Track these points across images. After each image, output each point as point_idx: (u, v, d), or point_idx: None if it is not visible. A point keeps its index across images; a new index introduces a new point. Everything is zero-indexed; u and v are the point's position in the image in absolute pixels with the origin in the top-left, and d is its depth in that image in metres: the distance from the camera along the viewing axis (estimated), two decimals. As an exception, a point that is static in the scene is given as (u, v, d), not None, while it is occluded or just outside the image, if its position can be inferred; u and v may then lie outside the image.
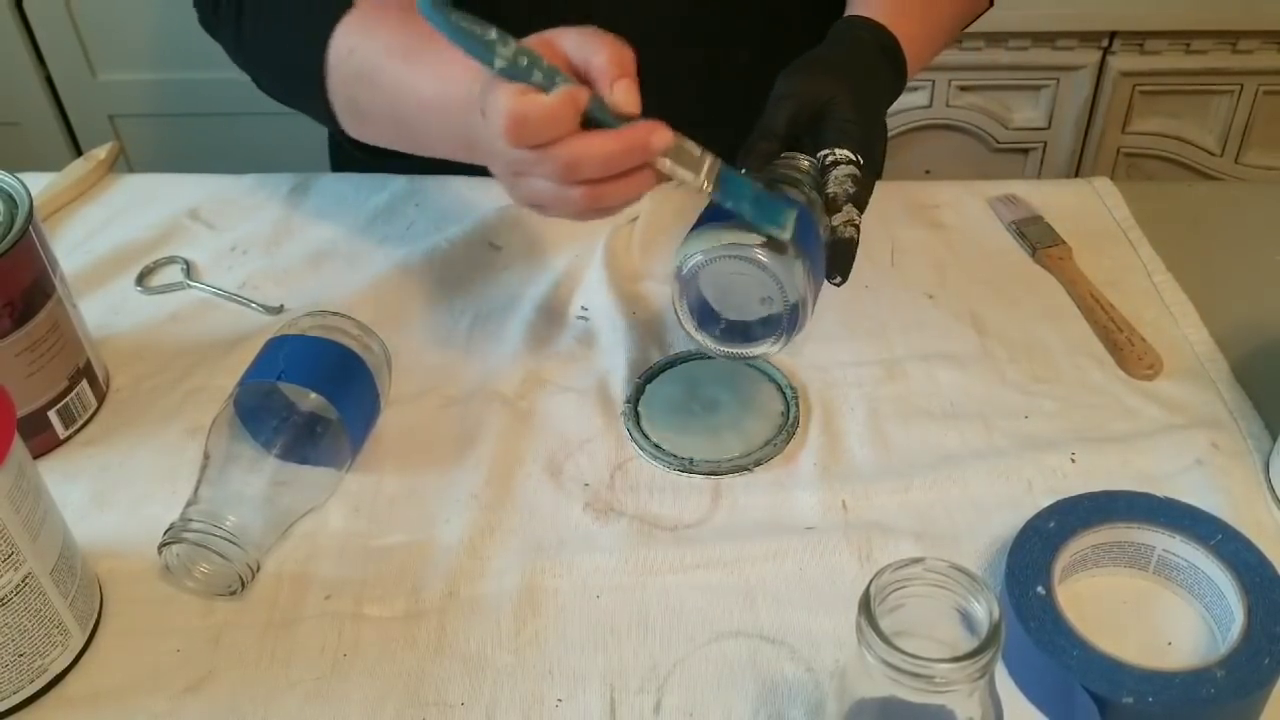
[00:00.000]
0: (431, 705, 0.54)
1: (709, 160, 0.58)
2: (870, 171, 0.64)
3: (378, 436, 0.67)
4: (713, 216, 0.61)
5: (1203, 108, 1.55)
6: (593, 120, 0.56)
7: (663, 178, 0.57)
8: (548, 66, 0.55)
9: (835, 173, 0.63)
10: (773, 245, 0.57)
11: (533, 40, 0.58)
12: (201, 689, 0.55)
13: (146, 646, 0.57)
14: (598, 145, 0.55)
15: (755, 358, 0.62)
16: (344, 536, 0.62)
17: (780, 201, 0.59)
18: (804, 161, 0.64)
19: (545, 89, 0.55)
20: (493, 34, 0.55)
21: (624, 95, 0.56)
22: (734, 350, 0.62)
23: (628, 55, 0.57)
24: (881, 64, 0.69)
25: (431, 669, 0.55)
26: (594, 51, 0.57)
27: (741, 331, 0.61)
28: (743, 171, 0.60)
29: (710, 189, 0.58)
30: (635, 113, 0.56)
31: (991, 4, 0.84)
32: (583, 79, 0.57)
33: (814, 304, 0.60)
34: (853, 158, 0.63)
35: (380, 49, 0.69)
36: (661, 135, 0.56)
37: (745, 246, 0.57)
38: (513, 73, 0.55)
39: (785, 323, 0.59)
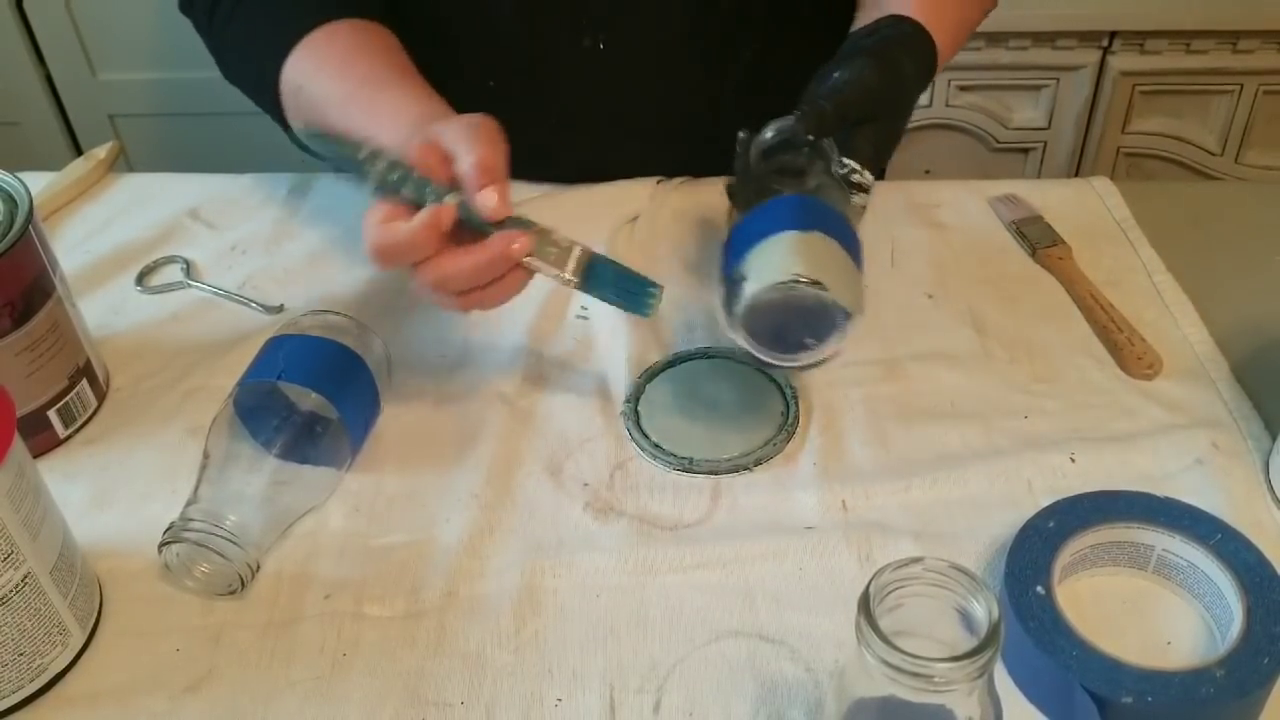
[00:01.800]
0: (431, 704, 0.54)
1: (577, 251, 0.62)
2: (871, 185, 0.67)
3: (378, 436, 0.67)
4: (746, 235, 0.63)
5: (1203, 107, 1.55)
6: (465, 222, 0.59)
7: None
8: (417, 179, 0.59)
9: (854, 199, 0.66)
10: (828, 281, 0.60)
11: (421, 137, 0.61)
12: (201, 689, 0.55)
13: (146, 646, 0.57)
14: (464, 263, 0.59)
15: (819, 362, 0.64)
16: (344, 536, 0.62)
17: (642, 286, 0.62)
18: (822, 147, 0.66)
19: (417, 202, 0.59)
20: (363, 152, 0.59)
21: (490, 204, 0.59)
22: (793, 359, 0.63)
23: (495, 155, 0.60)
24: (916, 71, 0.70)
25: (431, 668, 0.55)
26: (464, 154, 0.59)
27: (797, 340, 0.63)
28: (605, 257, 0.63)
29: (576, 283, 0.61)
30: (498, 218, 0.59)
31: (995, 3, 0.84)
32: (456, 174, 0.60)
33: (859, 289, 0.63)
34: (868, 185, 0.66)
35: (320, 96, 0.71)
36: (521, 244, 0.59)
37: (795, 285, 0.59)
38: (383, 189, 0.59)
39: (843, 324, 0.61)
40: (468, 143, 0.60)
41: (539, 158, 0.85)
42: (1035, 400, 0.69)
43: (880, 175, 0.68)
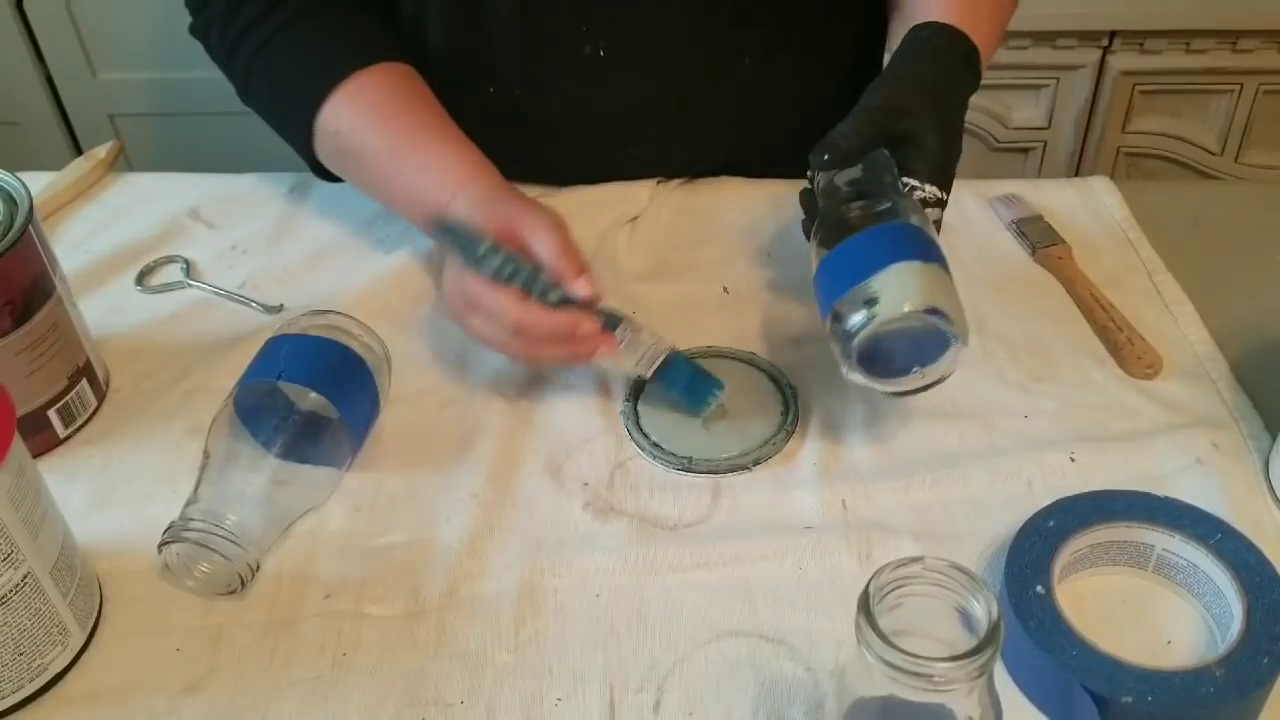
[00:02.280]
0: (431, 704, 0.54)
1: (663, 350, 0.67)
2: (946, 201, 0.67)
3: (378, 436, 0.67)
4: (848, 268, 0.61)
5: (1203, 107, 1.55)
6: (561, 299, 0.65)
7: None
8: (529, 271, 0.65)
9: (926, 214, 0.65)
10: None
11: (498, 220, 0.68)
12: (201, 689, 0.55)
13: (146, 646, 0.57)
14: (559, 353, 0.66)
15: (932, 386, 0.63)
16: (344, 536, 0.62)
17: (710, 386, 0.67)
18: (888, 174, 0.65)
19: (527, 289, 0.65)
20: (481, 249, 0.65)
21: (590, 289, 0.65)
22: (918, 384, 0.62)
23: (569, 243, 0.67)
24: (967, 75, 0.69)
25: (431, 668, 0.55)
26: (552, 242, 0.66)
27: (914, 362, 0.62)
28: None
29: (650, 376, 0.67)
30: (595, 300, 0.65)
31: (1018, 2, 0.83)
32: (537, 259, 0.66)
33: (960, 306, 0.61)
34: (941, 196, 0.66)
35: (365, 147, 0.75)
36: (607, 349, 0.66)
37: (917, 315, 0.59)
38: (498, 277, 0.65)
39: (955, 341, 0.60)
40: (551, 234, 0.66)
41: (540, 161, 0.86)
42: (1035, 400, 0.69)
43: (948, 186, 0.67)
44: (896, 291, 0.59)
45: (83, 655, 0.56)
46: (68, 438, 0.68)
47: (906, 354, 0.61)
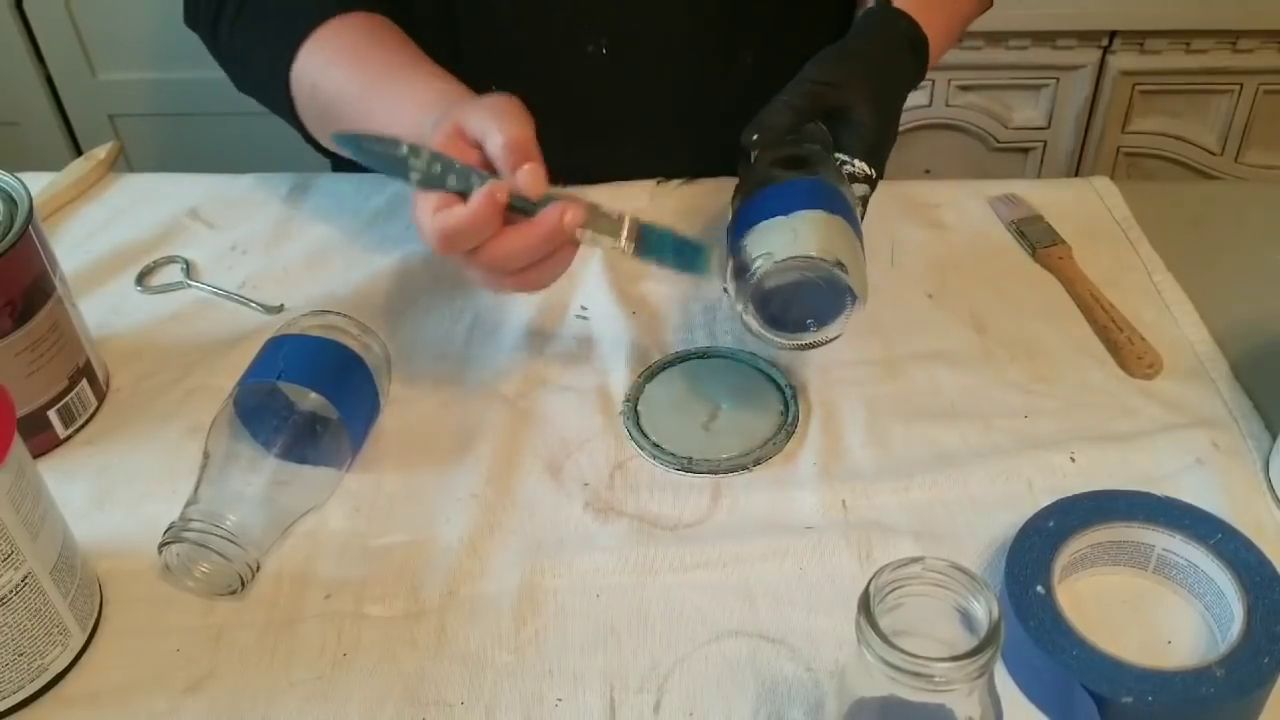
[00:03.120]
0: (431, 705, 0.54)
1: (626, 220, 0.60)
2: (877, 181, 0.67)
3: (378, 436, 0.67)
4: (757, 213, 0.62)
5: (1203, 107, 1.55)
6: (512, 204, 0.58)
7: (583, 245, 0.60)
8: (461, 169, 0.58)
9: (853, 188, 0.65)
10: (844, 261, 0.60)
11: (445, 124, 0.60)
12: (201, 689, 0.55)
13: (146, 646, 0.57)
14: (518, 242, 0.58)
15: (822, 343, 0.63)
16: (344, 536, 0.62)
17: (700, 249, 0.61)
18: (818, 140, 0.66)
19: (463, 191, 0.57)
20: (403, 149, 0.58)
21: (531, 181, 0.58)
22: (799, 341, 0.63)
23: (525, 135, 0.59)
24: (909, 60, 0.70)
25: (431, 669, 0.55)
26: (493, 134, 0.59)
27: (798, 321, 0.63)
28: (656, 225, 0.62)
29: (631, 250, 0.60)
30: (540, 195, 0.58)
31: (992, 3, 0.84)
32: (488, 160, 0.59)
33: (864, 271, 0.62)
34: (869, 173, 0.66)
35: (337, 91, 0.71)
36: (573, 214, 0.58)
37: (815, 261, 0.59)
38: (429, 182, 0.58)
39: (851, 307, 0.61)
40: (495, 123, 0.59)
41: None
42: (1035, 400, 0.69)
43: (880, 165, 0.67)
44: (797, 236, 0.60)
45: (83, 655, 0.56)
46: (68, 438, 0.68)
47: (804, 309, 0.62)
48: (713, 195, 0.87)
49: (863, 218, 0.66)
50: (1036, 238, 0.81)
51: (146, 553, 0.59)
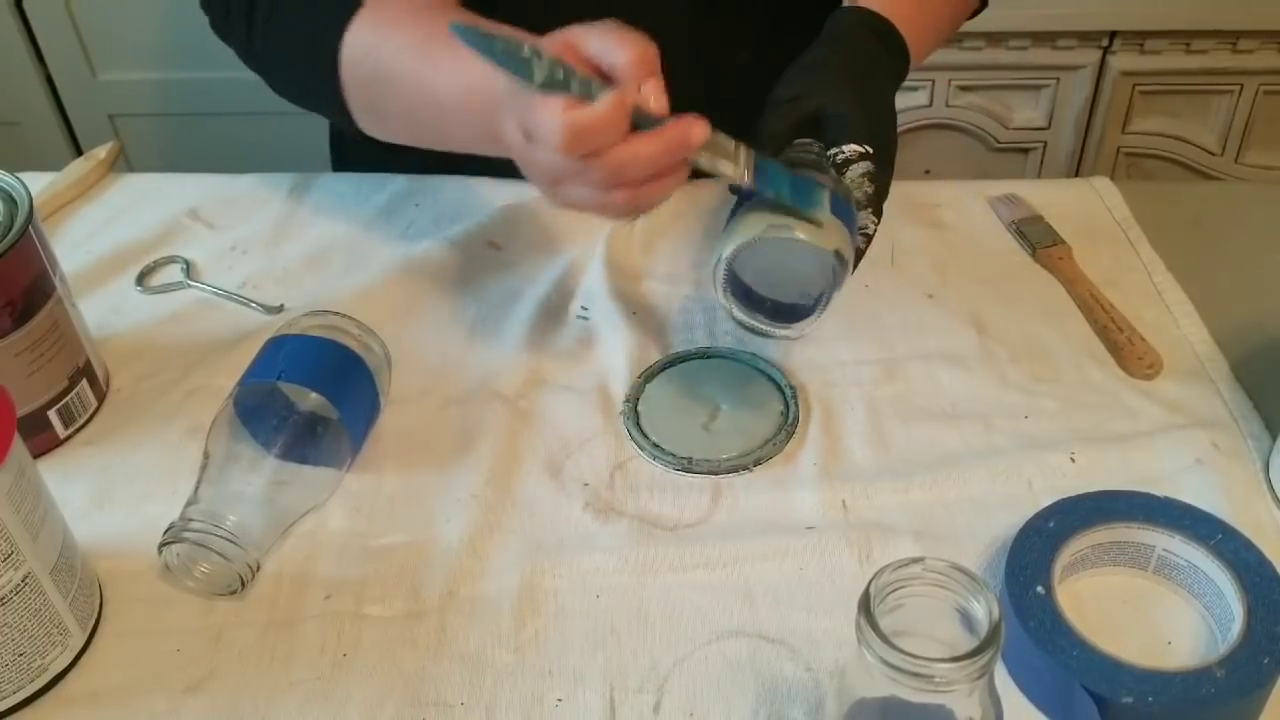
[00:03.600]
0: (431, 705, 0.54)
1: (743, 150, 0.59)
2: (884, 160, 0.65)
3: (378, 436, 0.67)
4: (745, 210, 0.62)
5: (1203, 107, 1.55)
6: (635, 118, 0.56)
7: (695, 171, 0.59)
8: (582, 77, 0.56)
9: (850, 172, 0.64)
10: (810, 224, 0.59)
11: (556, 43, 0.58)
12: (201, 689, 0.55)
13: (146, 646, 0.57)
14: (643, 149, 0.56)
15: (799, 335, 0.64)
16: (344, 536, 0.62)
17: (813, 183, 0.60)
18: (814, 147, 0.65)
19: (585, 99, 0.56)
20: (526, 50, 0.56)
21: (655, 96, 0.57)
22: (780, 329, 0.63)
23: (651, 52, 0.58)
24: (880, 52, 0.69)
25: (431, 669, 0.55)
26: (616, 51, 0.57)
27: (784, 310, 0.63)
28: (774, 158, 0.61)
29: (748, 179, 0.59)
30: (666, 112, 0.57)
31: (985, 4, 0.84)
32: (607, 79, 0.57)
33: (854, 266, 0.62)
34: (861, 149, 0.64)
35: (396, 50, 0.69)
36: (699, 131, 0.57)
37: (787, 228, 0.59)
38: (550, 86, 0.56)
39: (832, 284, 0.61)
40: (618, 40, 0.58)
41: None
42: (1035, 400, 0.69)
43: (893, 163, 0.67)
44: (773, 215, 0.60)
45: (83, 655, 0.56)
46: (68, 438, 0.68)
47: (783, 296, 0.62)
48: (712, 195, 0.87)
49: (880, 210, 0.65)
50: (1037, 238, 0.81)
51: (146, 553, 0.59)
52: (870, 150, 0.65)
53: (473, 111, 0.65)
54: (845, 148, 0.64)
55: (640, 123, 0.57)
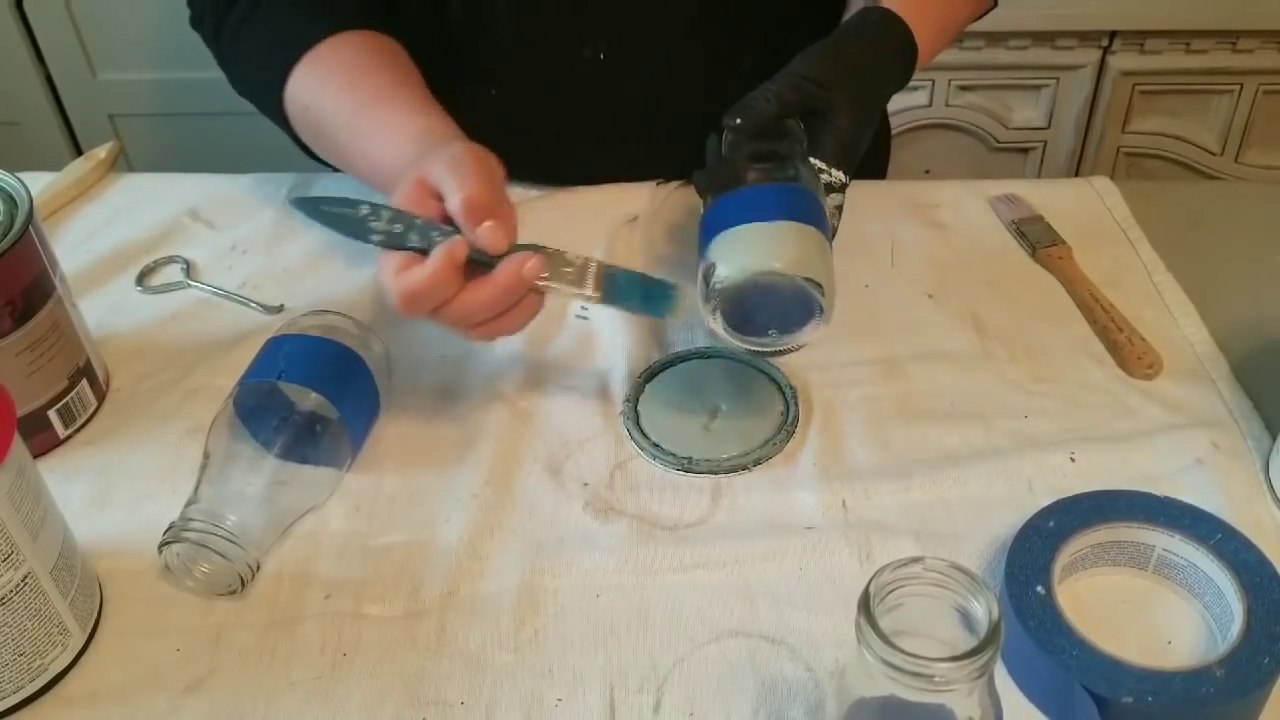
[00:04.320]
0: (431, 705, 0.54)
1: (592, 266, 0.61)
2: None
3: (378, 436, 0.67)
4: (733, 214, 0.62)
5: (1203, 107, 1.55)
6: (474, 260, 0.59)
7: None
8: (422, 226, 0.59)
9: (827, 201, 0.65)
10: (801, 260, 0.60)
11: (411, 178, 0.61)
12: (201, 689, 0.55)
13: (146, 646, 0.57)
14: (479, 297, 0.59)
15: (793, 349, 0.63)
16: (344, 536, 0.62)
17: (666, 288, 0.62)
18: (798, 132, 0.66)
19: (424, 250, 0.58)
20: (363, 210, 0.59)
21: (489, 239, 0.59)
22: (772, 346, 0.63)
23: (484, 190, 0.59)
24: (897, 68, 0.69)
25: (431, 668, 0.55)
26: (453, 193, 0.59)
27: (773, 326, 0.63)
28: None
29: (597, 296, 0.61)
30: (502, 248, 0.59)
31: (995, 4, 0.84)
32: (449, 215, 0.59)
33: (831, 240, 0.62)
34: (845, 181, 0.66)
35: (329, 114, 0.72)
36: (532, 267, 0.59)
37: (789, 278, 0.59)
38: (391, 242, 0.59)
39: (820, 314, 0.61)
40: (455, 180, 0.59)
41: (539, 162, 0.86)
42: (1035, 400, 0.69)
43: (851, 171, 0.67)
44: (772, 249, 0.60)
45: (83, 655, 0.56)
46: (68, 438, 0.68)
47: (770, 313, 0.62)
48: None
49: (836, 230, 0.66)
50: (1036, 238, 0.81)
51: (146, 553, 0.59)
52: (847, 183, 0.66)
53: (393, 180, 0.66)
54: (833, 172, 0.65)
55: (484, 260, 0.59)
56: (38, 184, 0.86)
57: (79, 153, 1.20)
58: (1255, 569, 0.54)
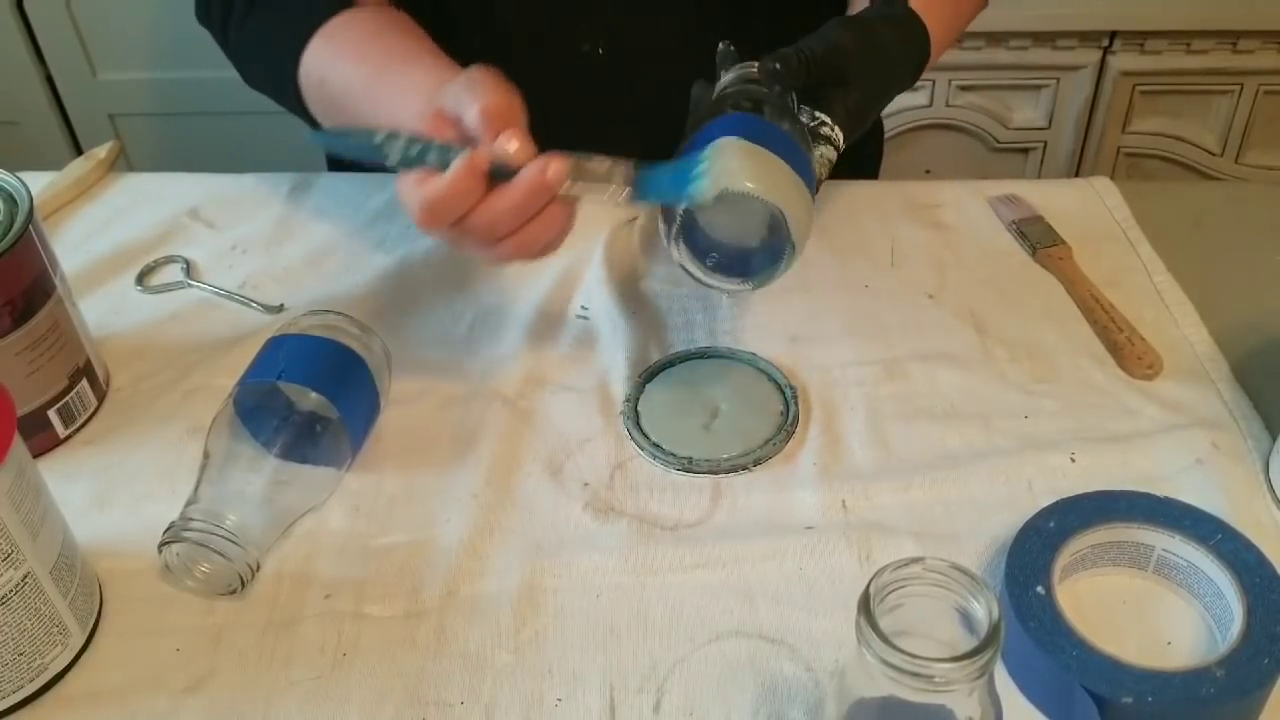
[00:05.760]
0: (431, 705, 0.54)
1: (621, 167, 0.59)
2: (839, 150, 0.66)
3: (378, 436, 0.67)
4: (705, 138, 0.60)
5: (1203, 107, 1.55)
6: (496, 174, 0.57)
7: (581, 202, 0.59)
8: (440, 146, 0.57)
9: (819, 150, 0.64)
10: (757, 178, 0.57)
11: (428, 107, 0.60)
12: (201, 689, 0.55)
13: (146, 646, 0.57)
14: (501, 203, 0.57)
15: (758, 286, 0.61)
16: (344, 536, 0.62)
17: (692, 163, 0.58)
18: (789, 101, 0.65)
19: (444, 166, 0.56)
20: (379, 136, 0.58)
21: (510, 146, 0.57)
22: (737, 284, 0.61)
23: (502, 99, 0.58)
24: (910, 66, 0.70)
25: (431, 668, 0.55)
26: (469, 106, 0.58)
27: (740, 263, 0.61)
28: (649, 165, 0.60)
29: (625, 197, 0.59)
30: (526, 157, 0.57)
31: (986, 3, 0.84)
32: (469, 133, 0.58)
33: (810, 224, 0.60)
34: (835, 136, 0.65)
35: (343, 84, 0.70)
36: (555, 169, 0.57)
37: (753, 195, 0.57)
38: (408, 163, 0.57)
39: (787, 250, 0.59)
40: (470, 95, 0.58)
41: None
42: (1035, 400, 0.69)
43: (850, 136, 0.67)
44: (731, 168, 0.57)
45: (83, 655, 0.56)
46: (68, 438, 0.68)
47: (735, 250, 0.60)
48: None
49: (822, 181, 0.64)
50: (1037, 238, 0.81)
51: (146, 553, 0.59)
52: (839, 142, 0.65)
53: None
54: (836, 131, 0.64)
55: (507, 174, 0.57)
56: (38, 184, 0.86)
57: (79, 152, 1.20)
58: (1255, 569, 0.54)
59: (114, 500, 0.64)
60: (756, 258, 0.61)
